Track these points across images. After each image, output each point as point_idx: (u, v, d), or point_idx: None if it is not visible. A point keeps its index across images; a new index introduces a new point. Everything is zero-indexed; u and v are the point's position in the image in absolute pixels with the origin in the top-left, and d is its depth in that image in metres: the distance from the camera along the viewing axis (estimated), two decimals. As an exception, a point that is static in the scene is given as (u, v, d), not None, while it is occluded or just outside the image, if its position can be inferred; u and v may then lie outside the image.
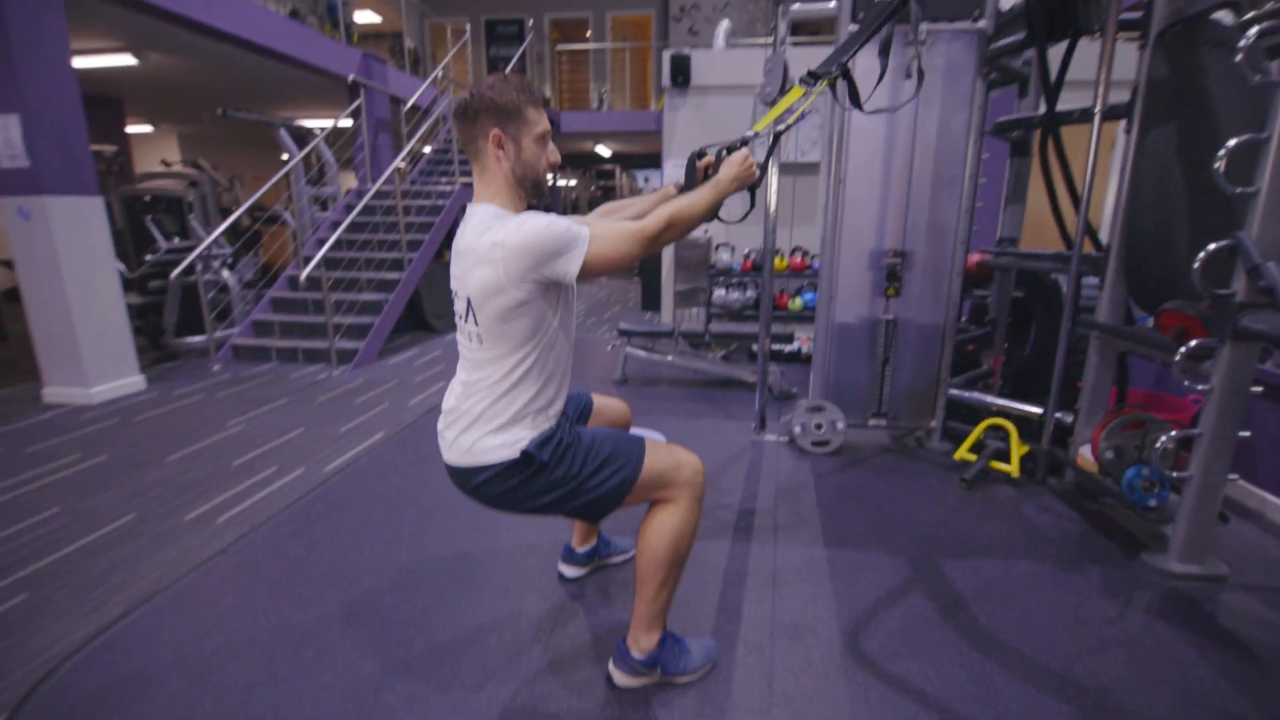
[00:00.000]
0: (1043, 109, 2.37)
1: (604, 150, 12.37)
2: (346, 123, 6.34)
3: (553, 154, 1.30)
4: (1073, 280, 2.28)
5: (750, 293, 5.14)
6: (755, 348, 4.69)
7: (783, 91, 2.27)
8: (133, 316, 4.81)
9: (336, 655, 1.54)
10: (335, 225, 4.80)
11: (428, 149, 7.52)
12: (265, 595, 1.79)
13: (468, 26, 7.92)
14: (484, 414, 1.27)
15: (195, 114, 8.22)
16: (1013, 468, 2.51)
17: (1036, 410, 2.54)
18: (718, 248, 5.25)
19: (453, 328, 6.14)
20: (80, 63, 5.48)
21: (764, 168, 1.50)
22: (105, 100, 6.86)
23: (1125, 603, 1.75)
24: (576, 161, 13.95)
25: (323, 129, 5.78)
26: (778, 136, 1.67)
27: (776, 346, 4.54)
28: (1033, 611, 1.71)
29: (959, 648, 1.57)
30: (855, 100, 1.64)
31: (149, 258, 4.68)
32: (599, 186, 14.48)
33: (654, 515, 1.36)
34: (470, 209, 1.28)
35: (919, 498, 2.40)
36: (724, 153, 1.43)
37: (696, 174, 1.45)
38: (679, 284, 5.30)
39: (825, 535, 2.12)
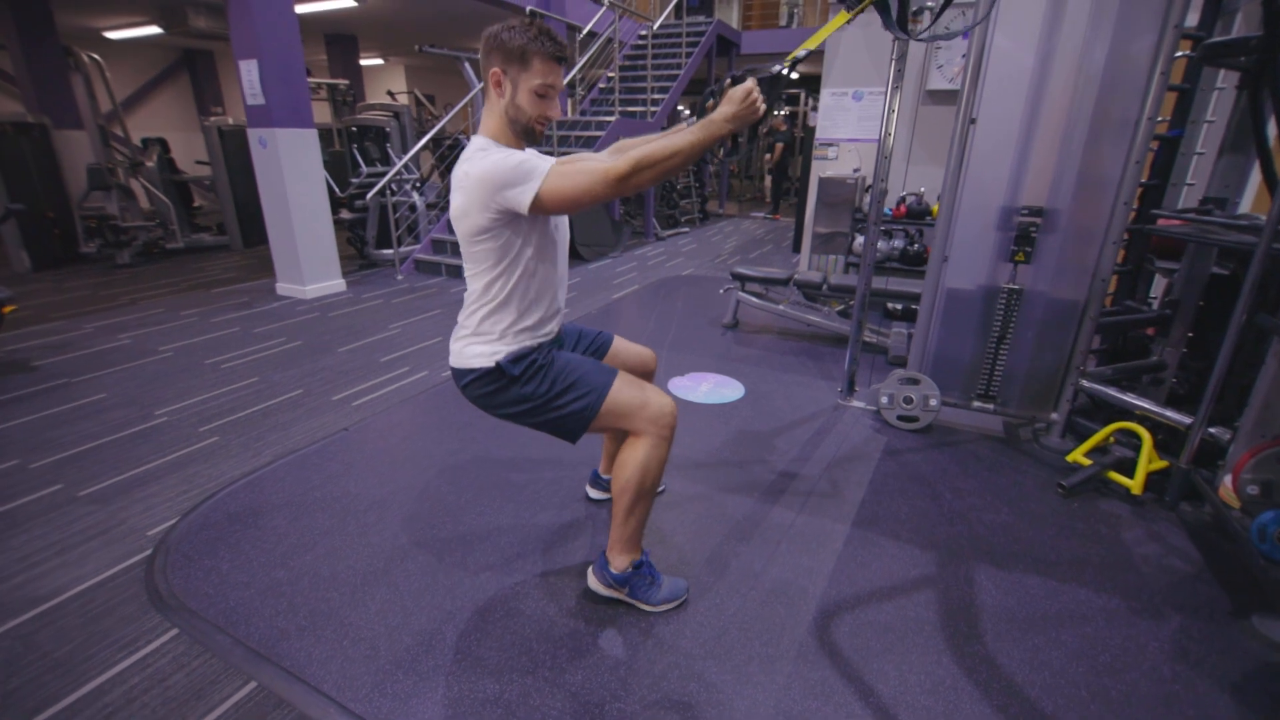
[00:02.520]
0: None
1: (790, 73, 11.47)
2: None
3: (552, 108, 1.34)
4: (1260, 255, 1.75)
5: (898, 242, 4.62)
6: (890, 305, 4.29)
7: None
8: (346, 229, 5.86)
9: (386, 523, 1.92)
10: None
11: (610, 75, 7.35)
12: (359, 467, 2.26)
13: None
14: (476, 329, 1.45)
15: (413, 48, 9.30)
16: (1135, 482, 2.09)
17: (1185, 420, 2.05)
18: (869, 188, 4.74)
19: (599, 257, 6.47)
20: (308, 8, 6.48)
21: (770, 104, 1.36)
22: (342, 38, 8.08)
23: (1192, 663, 1.45)
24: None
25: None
26: (780, 76, 1.39)
27: (915, 306, 4.09)
28: (1056, 644, 1.50)
29: (939, 658, 1.45)
30: (902, 23, 1.40)
31: (354, 180, 5.61)
32: (780, 115, 13.45)
33: (625, 448, 1.47)
34: (471, 138, 1.40)
35: (996, 495, 2.13)
36: (726, 83, 1.34)
37: (708, 114, 1.39)
38: (819, 226, 4.95)
39: (858, 514, 2.01)
